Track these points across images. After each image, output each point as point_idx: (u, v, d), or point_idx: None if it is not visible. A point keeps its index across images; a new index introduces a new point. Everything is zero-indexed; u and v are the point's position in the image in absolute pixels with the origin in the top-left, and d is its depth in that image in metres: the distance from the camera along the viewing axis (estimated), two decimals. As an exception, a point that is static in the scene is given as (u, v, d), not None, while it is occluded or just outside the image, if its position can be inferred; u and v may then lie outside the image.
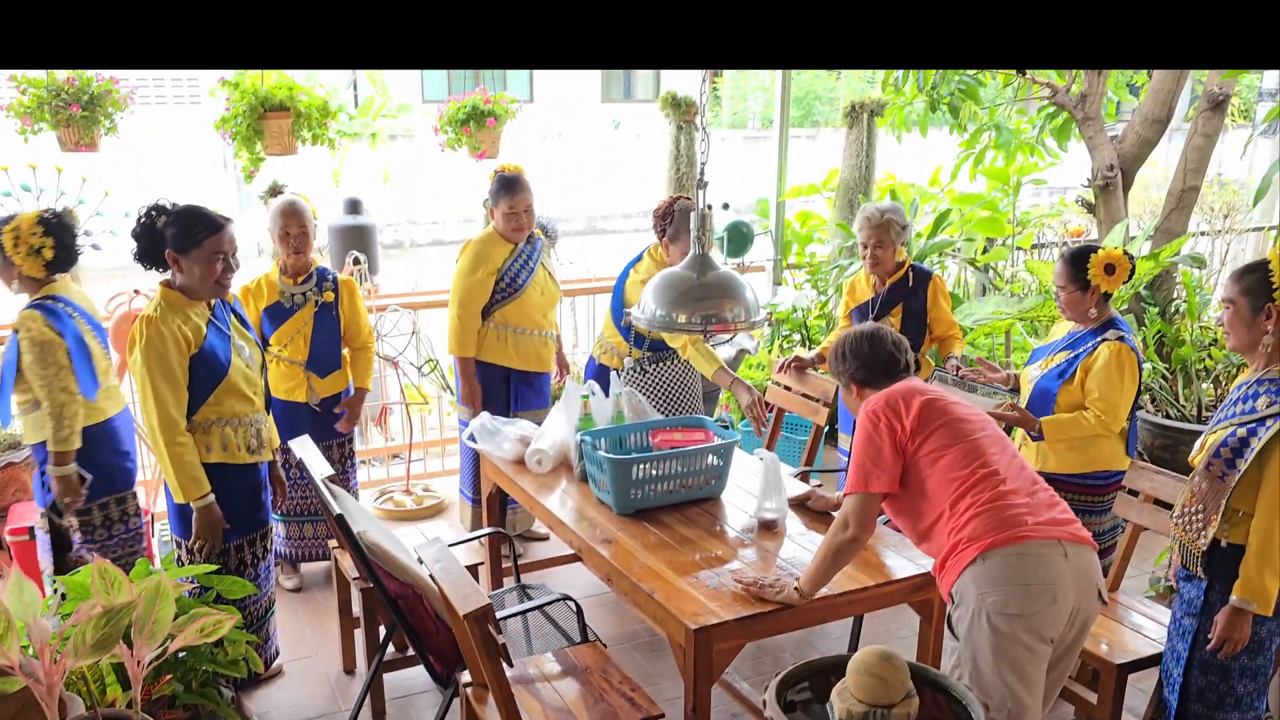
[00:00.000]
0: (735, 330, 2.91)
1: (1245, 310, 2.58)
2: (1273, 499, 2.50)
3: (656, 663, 3.77)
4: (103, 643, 2.25)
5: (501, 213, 4.12)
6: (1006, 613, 2.41)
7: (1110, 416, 3.31)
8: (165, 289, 3.13)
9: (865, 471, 2.59)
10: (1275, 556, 2.52)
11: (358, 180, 13.36)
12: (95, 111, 4.19)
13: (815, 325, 6.09)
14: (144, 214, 3.11)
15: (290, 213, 3.94)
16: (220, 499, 3.18)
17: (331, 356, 4.08)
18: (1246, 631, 2.58)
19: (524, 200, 4.11)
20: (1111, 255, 3.33)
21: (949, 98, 5.53)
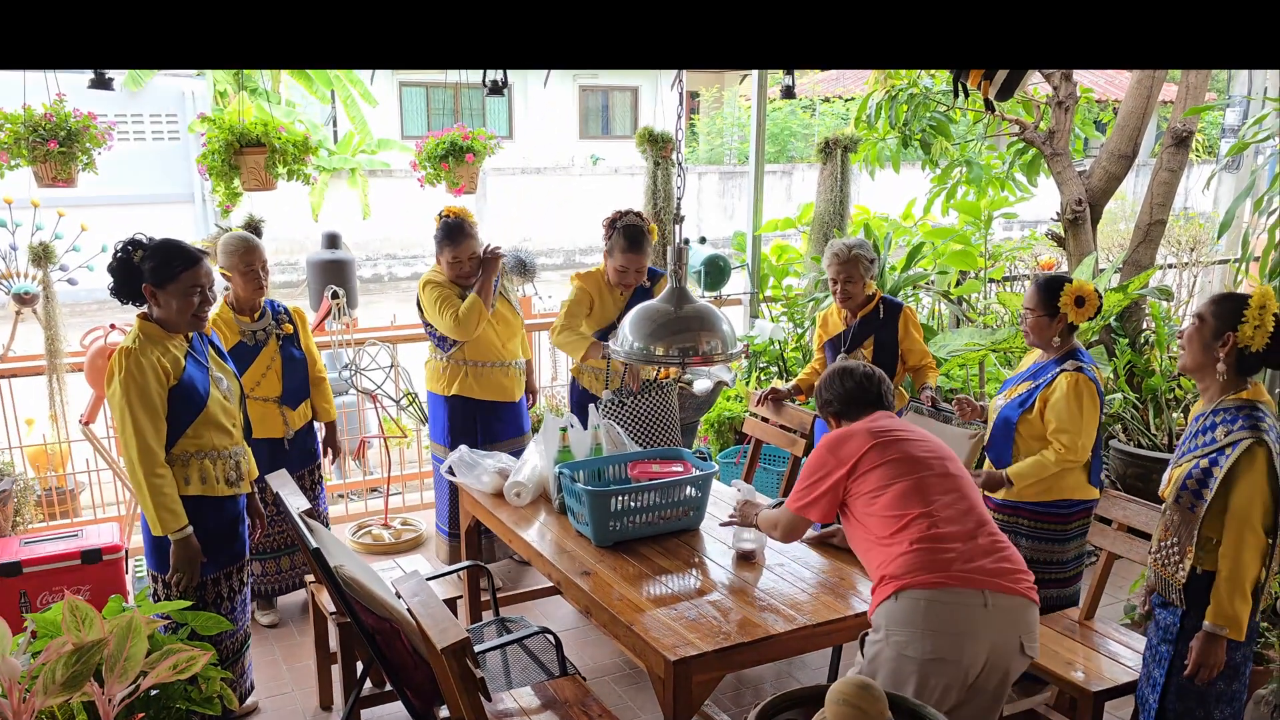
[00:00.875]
0: (712, 362, 2.94)
1: (1209, 331, 2.65)
2: (1239, 526, 2.55)
3: (636, 695, 3.76)
4: (73, 681, 2.22)
5: (446, 261, 4.17)
6: (906, 654, 2.48)
7: (1071, 449, 3.35)
8: (143, 321, 3.12)
9: (803, 497, 2.77)
10: (1245, 582, 2.56)
11: (338, 215, 13.44)
12: (73, 147, 4.19)
13: (792, 357, 6.13)
14: (120, 249, 3.11)
15: (253, 247, 3.86)
16: (198, 532, 3.16)
17: (301, 388, 4.07)
18: (1221, 657, 2.61)
19: (467, 249, 4.15)
20: (1084, 289, 3.39)
21: (920, 134, 5.62)
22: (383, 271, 15.91)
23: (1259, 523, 2.55)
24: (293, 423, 4.05)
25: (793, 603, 2.81)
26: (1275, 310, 2.56)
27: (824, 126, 17.40)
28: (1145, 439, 5.41)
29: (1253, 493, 2.54)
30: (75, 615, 2.30)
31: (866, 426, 2.76)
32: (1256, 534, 2.55)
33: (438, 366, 4.36)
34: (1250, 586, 2.58)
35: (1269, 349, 2.58)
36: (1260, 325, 2.56)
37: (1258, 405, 2.59)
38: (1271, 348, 2.58)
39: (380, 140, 14.45)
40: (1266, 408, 2.60)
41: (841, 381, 2.91)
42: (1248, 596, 2.57)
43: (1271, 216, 5.36)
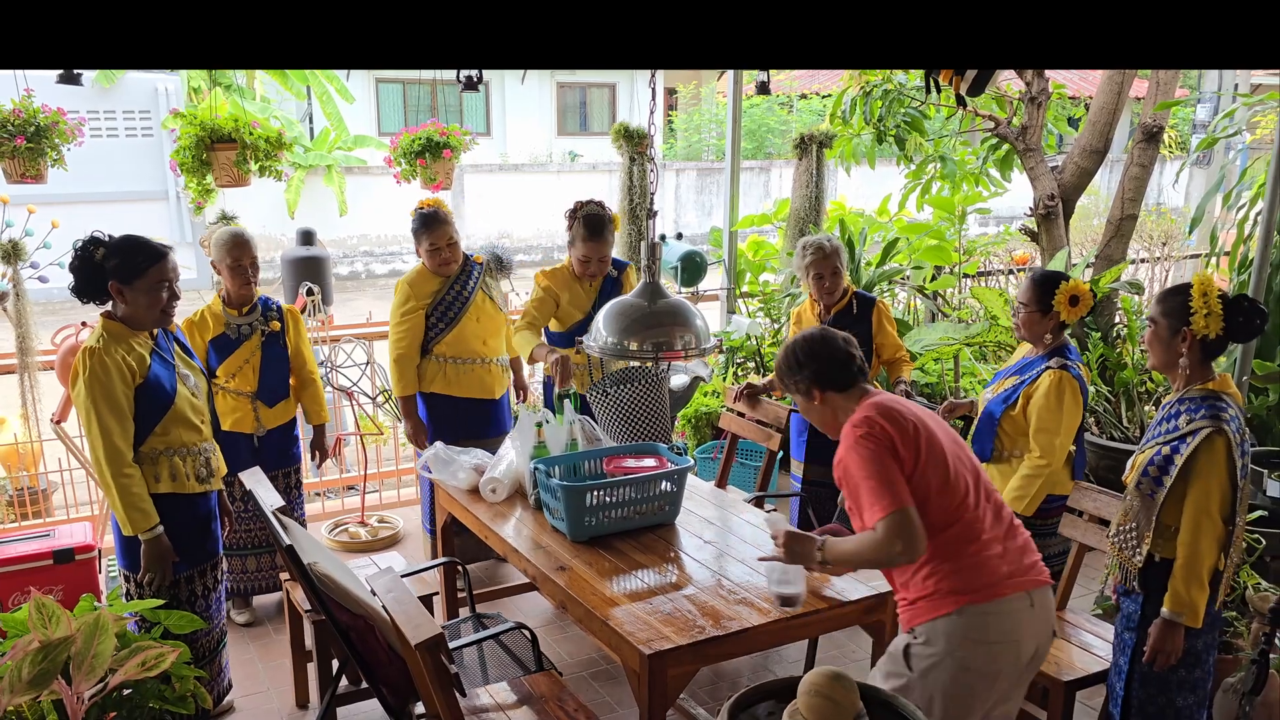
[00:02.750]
0: (686, 357, 2.95)
1: (1164, 331, 2.70)
2: (1197, 514, 2.59)
3: (613, 690, 3.77)
4: (39, 679, 2.20)
5: (425, 250, 4.14)
6: (970, 667, 2.41)
7: (1048, 452, 3.36)
8: (107, 320, 3.09)
9: (889, 487, 2.34)
10: (1202, 570, 2.60)
11: (315, 212, 13.35)
12: (41, 143, 4.15)
13: (769, 353, 6.15)
14: (80, 247, 3.06)
15: (242, 243, 3.90)
16: (170, 530, 3.14)
17: (280, 386, 4.07)
18: (1178, 644, 2.65)
19: (444, 235, 4.11)
20: (1079, 288, 3.39)
21: (895, 130, 5.65)
22: (360, 269, 15.83)
23: (1216, 511, 2.59)
24: (265, 420, 4.03)
25: (767, 596, 2.82)
26: (1217, 292, 2.61)
27: (800, 123, 17.45)
28: (1117, 431, 5.46)
29: (1211, 481, 2.58)
30: (42, 613, 2.28)
31: (893, 401, 2.51)
32: (1214, 522, 2.59)
33: (426, 365, 4.29)
34: (1208, 575, 2.62)
35: (1227, 330, 2.62)
36: (1210, 312, 2.60)
37: (1222, 396, 2.63)
38: (1229, 328, 2.62)
39: (357, 137, 14.40)
40: (1231, 399, 2.65)
41: (826, 346, 2.58)
42: (1205, 584, 2.61)
43: (1241, 211, 5.44)
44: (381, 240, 15.93)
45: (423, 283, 4.18)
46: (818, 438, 4.30)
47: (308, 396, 4.19)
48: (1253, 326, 2.65)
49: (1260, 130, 7.17)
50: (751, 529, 3.33)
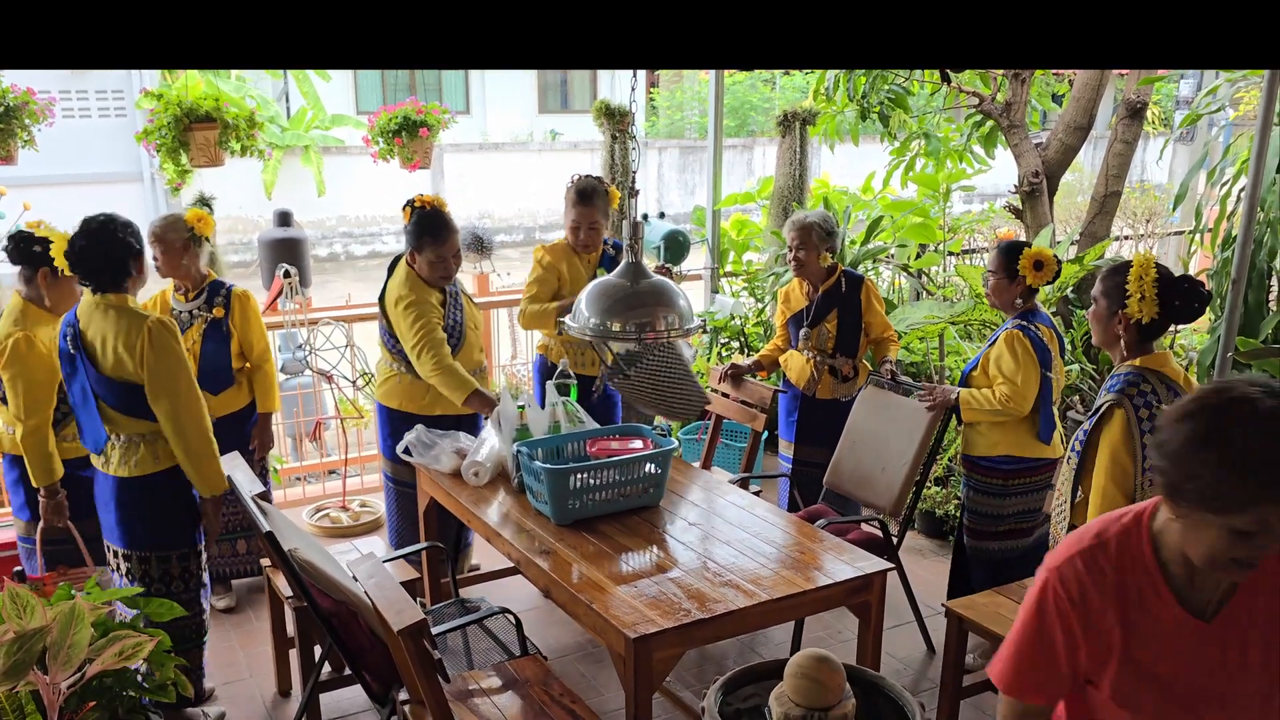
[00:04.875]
0: (669, 337, 2.91)
1: (1103, 311, 2.73)
2: (1097, 485, 2.63)
3: (598, 673, 3.75)
4: (15, 669, 2.16)
5: (427, 260, 3.74)
6: None
7: (1017, 396, 3.44)
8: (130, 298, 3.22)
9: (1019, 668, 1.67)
10: None
11: (292, 193, 13.24)
12: (11, 123, 4.06)
13: (753, 332, 6.12)
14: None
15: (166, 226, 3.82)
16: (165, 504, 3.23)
17: (222, 373, 3.91)
18: None
19: (453, 245, 3.77)
20: (1043, 253, 3.49)
21: (879, 107, 5.61)
22: (339, 250, 15.70)
23: (1114, 484, 2.59)
24: (214, 408, 3.84)
25: (753, 578, 2.80)
26: (1154, 277, 2.60)
27: (784, 100, 17.38)
28: (1101, 409, 5.47)
29: (1106, 454, 2.60)
30: (16, 603, 2.24)
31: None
32: (1112, 495, 2.60)
33: (402, 381, 3.91)
34: None
35: (1163, 313, 2.62)
36: (1144, 297, 2.60)
37: (1144, 372, 2.63)
38: (1165, 312, 2.63)
39: (334, 116, 14.22)
40: (1162, 375, 2.64)
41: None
42: None
43: (1224, 187, 5.43)
44: (361, 221, 15.79)
45: (425, 293, 3.77)
46: (807, 418, 4.29)
47: (256, 383, 4.05)
48: (1190, 309, 2.65)
49: (1243, 106, 7.17)
50: (736, 510, 3.31)
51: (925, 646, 3.91)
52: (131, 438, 3.17)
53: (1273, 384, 1.41)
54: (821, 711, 2.05)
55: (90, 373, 3.12)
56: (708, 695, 2.25)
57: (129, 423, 3.16)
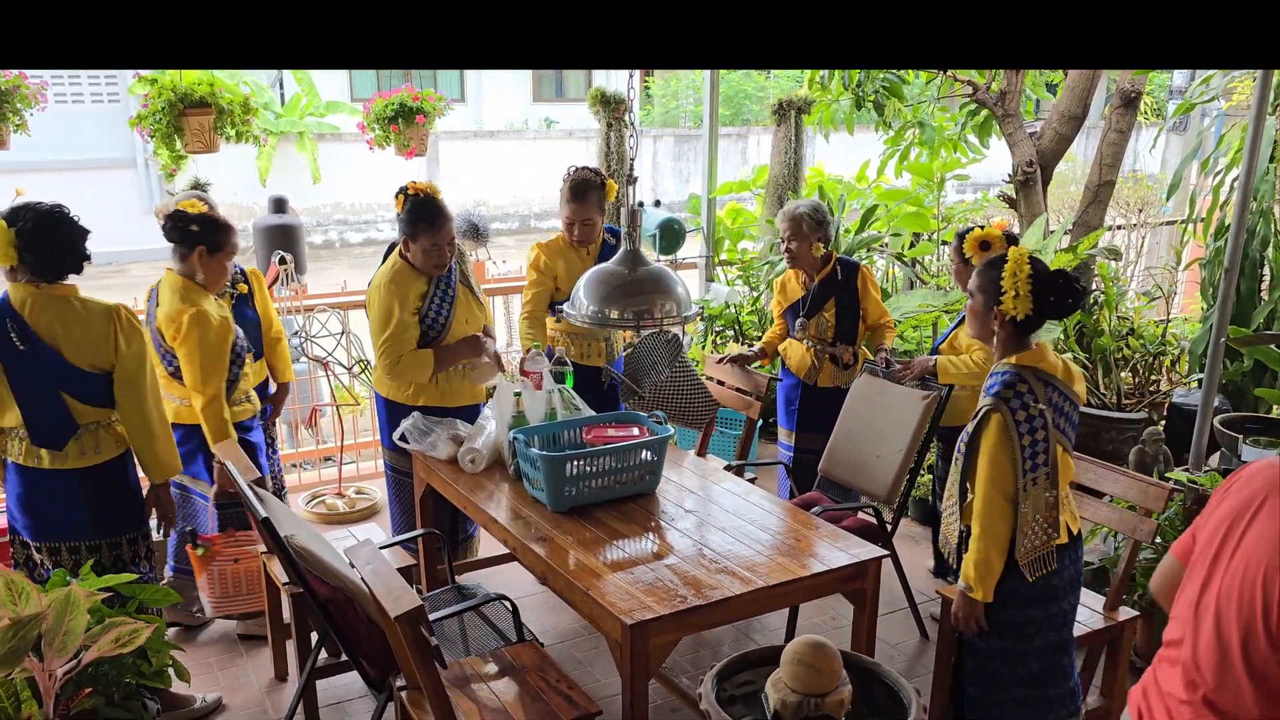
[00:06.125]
0: (666, 325, 2.92)
1: (979, 306, 2.71)
2: (978, 490, 2.62)
3: (595, 660, 3.76)
4: (10, 656, 2.17)
5: (421, 248, 3.66)
6: None
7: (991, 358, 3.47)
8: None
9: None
10: (988, 544, 2.62)
11: (287, 180, 13.18)
12: (3, 108, 4.05)
13: (748, 320, 6.13)
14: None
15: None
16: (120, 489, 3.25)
17: (258, 346, 3.99)
18: (973, 612, 2.68)
19: (447, 233, 3.68)
20: (988, 233, 3.69)
21: (874, 95, 5.61)
22: (334, 237, 15.66)
23: (995, 488, 2.59)
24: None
25: (749, 565, 2.82)
26: (1028, 273, 2.58)
27: (778, 89, 17.35)
28: (1094, 398, 5.49)
29: (989, 459, 2.59)
30: (11, 589, 2.24)
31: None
32: (993, 499, 2.59)
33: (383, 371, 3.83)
34: (996, 550, 2.62)
35: (1037, 309, 2.60)
36: (1018, 294, 2.58)
37: (1022, 370, 2.62)
38: (1040, 309, 2.60)
39: (329, 103, 14.17)
40: (1038, 371, 2.63)
41: None
42: (990, 559, 2.61)
43: (1217, 177, 5.45)
44: (355, 208, 15.75)
45: (407, 283, 3.70)
46: (808, 406, 4.31)
47: (275, 355, 4.11)
48: (1064, 306, 2.64)
49: (1236, 96, 7.18)
50: (732, 497, 3.32)
51: (919, 633, 3.93)
52: (89, 426, 3.13)
53: None
54: (818, 698, 2.06)
55: (58, 365, 3.03)
56: (704, 681, 2.26)
57: (90, 412, 3.12)
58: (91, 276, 3.20)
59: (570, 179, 4.08)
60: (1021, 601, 2.67)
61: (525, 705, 2.71)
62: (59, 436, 3.08)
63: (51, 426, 3.07)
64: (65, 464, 3.10)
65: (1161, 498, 3.07)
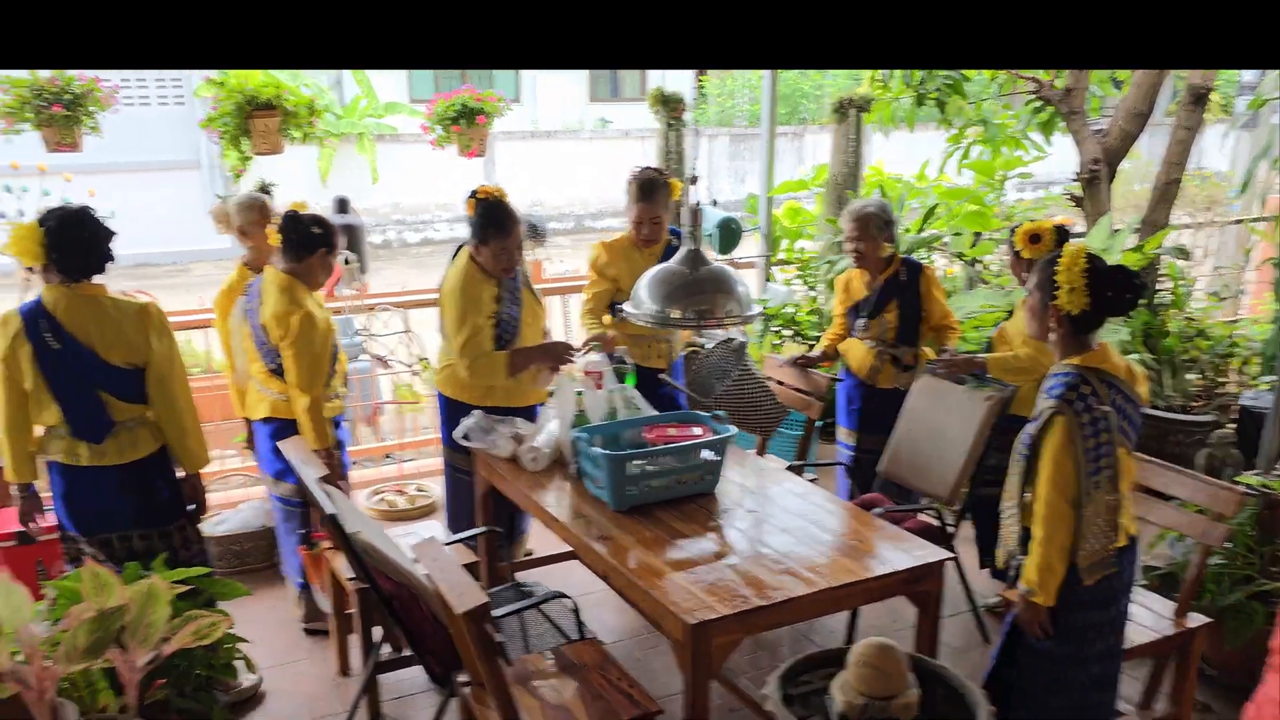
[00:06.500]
0: (727, 325, 2.91)
1: (1036, 304, 2.65)
2: (1042, 493, 2.56)
3: (654, 659, 3.77)
4: (95, 647, 2.23)
5: (491, 252, 3.69)
6: None
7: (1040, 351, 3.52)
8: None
9: None
10: (1051, 548, 2.57)
11: (346, 180, 13.36)
12: (77, 111, 4.16)
13: (805, 320, 6.10)
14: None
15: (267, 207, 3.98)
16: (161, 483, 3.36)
17: None
18: (1036, 616, 2.64)
19: (517, 237, 3.73)
20: (1038, 226, 3.73)
21: (935, 93, 5.55)
22: (392, 237, 15.84)
23: (1058, 493, 2.54)
24: None
25: (811, 565, 2.80)
26: (1083, 268, 2.52)
27: (835, 87, 17.21)
28: (1161, 400, 5.37)
29: (1053, 461, 2.54)
30: (95, 581, 2.30)
31: None
32: (1058, 503, 2.55)
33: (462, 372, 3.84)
34: (1059, 555, 2.57)
35: (1094, 305, 2.54)
36: (1073, 289, 2.52)
37: (1084, 370, 2.56)
38: (1098, 305, 2.54)
39: (388, 104, 14.34)
40: (1102, 373, 2.57)
41: None
42: (1053, 563, 2.57)
43: (1291, 174, 5.30)
44: (413, 209, 15.91)
45: (479, 287, 3.71)
46: (869, 406, 4.28)
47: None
48: (1123, 302, 2.58)
49: (1311, 91, 6.97)
50: (793, 498, 3.30)
51: (980, 636, 3.88)
52: (125, 423, 3.22)
53: None
54: (884, 700, 2.04)
55: (94, 364, 3.13)
56: (769, 682, 2.25)
57: (126, 408, 3.21)
58: (155, 276, 3.31)
59: (637, 178, 4.07)
60: (1081, 605, 2.65)
61: (586, 703, 2.72)
62: (98, 431, 3.18)
63: (90, 422, 3.17)
64: (105, 460, 3.19)
65: (1234, 502, 3.00)
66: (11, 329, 3.08)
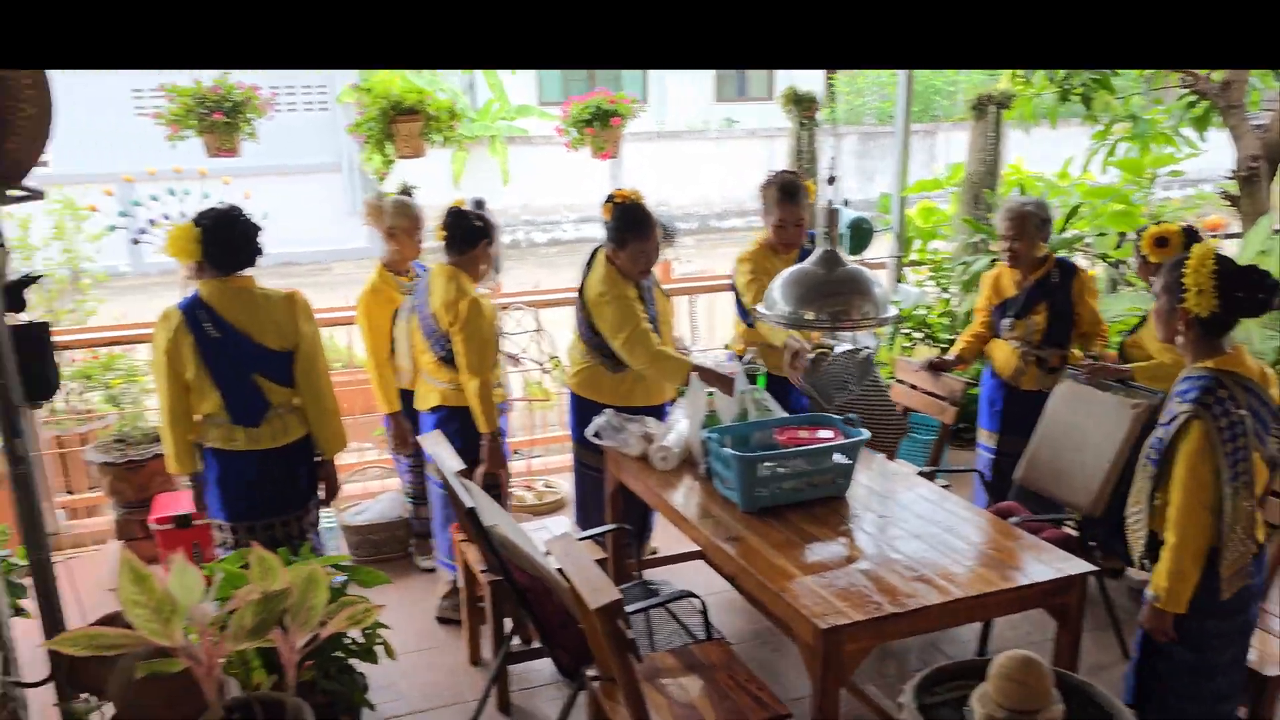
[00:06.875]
0: (863, 327, 2.88)
1: (1164, 306, 2.58)
2: (1177, 499, 2.48)
3: (778, 662, 3.74)
4: (260, 627, 2.35)
5: (630, 254, 3.77)
6: None
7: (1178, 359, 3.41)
8: None
9: None
10: (1184, 554, 2.49)
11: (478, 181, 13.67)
12: (236, 118, 4.39)
13: (937, 323, 5.96)
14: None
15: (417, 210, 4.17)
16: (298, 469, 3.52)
17: None
18: (1162, 623, 2.57)
19: (654, 239, 3.80)
20: (1165, 229, 3.71)
21: (1081, 88, 5.35)
22: (520, 238, 16.14)
23: (1195, 499, 2.46)
24: None
25: (946, 574, 2.74)
26: (1212, 269, 2.43)
27: (970, 83, 16.74)
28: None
29: (1189, 467, 2.45)
30: (261, 565, 2.42)
31: None
32: (1193, 509, 2.46)
33: (596, 372, 3.96)
34: (1192, 561, 2.49)
35: (1224, 307, 2.45)
36: (1201, 290, 2.43)
37: (1220, 374, 2.47)
38: (1228, 306, 2.45)
39: (519, 107, 14.60)
40: (1237, 376, 2.48)
41: None
42: (1186, 569, 2.49)
43: None
44: (541, 209, 16.18)
45: (624, 288, 3.80)
46: (1012, 408, 4.17)
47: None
48: (1255, 303, 2.46)
49: None
50: (926, 504, 3.24)
51: (1121, 652, 3.73)
52: (277, 409, 3.41)
53: None
54: (1026, 715, 1.99)
55: (251, 349, 3.33)
56: (905, 691, 2.22)
57: (279, 391, 3.41)
58: (298, 275, 3.49)
59: (778, 181, 4.04)
60: (1213, 614, 2.57)
61: (714, 703, 2.72)
62: (255, 415, 3.38)
63: (248, 407, 3.37)
64: (259, 444, 3.39)
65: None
66: (173, 323, 3.29)
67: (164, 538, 4.22)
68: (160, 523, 4.24)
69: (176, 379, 3.32)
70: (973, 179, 6.15)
